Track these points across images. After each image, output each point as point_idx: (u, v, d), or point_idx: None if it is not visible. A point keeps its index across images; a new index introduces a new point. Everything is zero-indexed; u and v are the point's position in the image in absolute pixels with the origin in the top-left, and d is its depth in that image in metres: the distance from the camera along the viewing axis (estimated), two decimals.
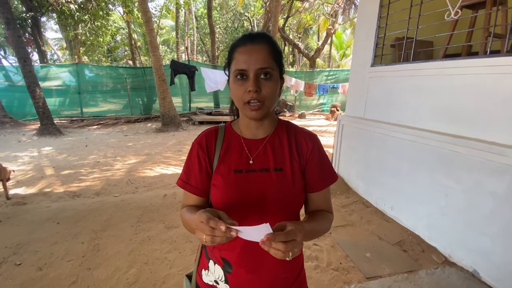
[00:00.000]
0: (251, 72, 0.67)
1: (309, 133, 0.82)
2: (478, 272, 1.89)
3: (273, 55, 0.70)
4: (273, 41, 0.72)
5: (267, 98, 0.69)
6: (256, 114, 0.69)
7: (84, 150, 5.67)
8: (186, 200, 0.81)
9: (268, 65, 0.68)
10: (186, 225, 0.77)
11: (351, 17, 14.64)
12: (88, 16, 11.05)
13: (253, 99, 0.67)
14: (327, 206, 0.81)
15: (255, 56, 0.67)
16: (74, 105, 9.52)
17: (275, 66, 0.71)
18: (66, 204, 2.97)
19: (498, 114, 1.85)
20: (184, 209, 0.79)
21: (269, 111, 0.72)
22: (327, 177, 0.80)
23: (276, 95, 0.72)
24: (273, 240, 0.52)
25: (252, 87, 0.66)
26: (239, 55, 0.69)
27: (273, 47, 0.71)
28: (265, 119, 0.77)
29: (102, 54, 18.07)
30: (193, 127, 8.87)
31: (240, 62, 0.68)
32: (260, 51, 0.68)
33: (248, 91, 0.67)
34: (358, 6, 3.63)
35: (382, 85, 3.00)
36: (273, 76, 0.69)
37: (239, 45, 0.71)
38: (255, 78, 0.67)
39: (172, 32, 22.31)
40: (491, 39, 1.91)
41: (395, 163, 2.71)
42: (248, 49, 0.68)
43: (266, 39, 0.71)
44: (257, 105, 0.68)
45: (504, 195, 1.74)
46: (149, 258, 2.08)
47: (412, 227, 2.51)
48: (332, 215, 0.81)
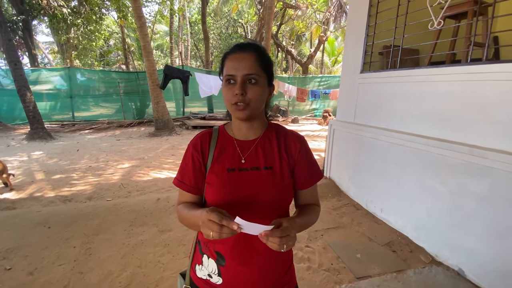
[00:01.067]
0: (238, 77, 0.74)
1: (297, 135, 0.88)
2: (463, 271, 1.96)
3: (260, 63, 0.76)
4: (261, 50, 0.79)
5: (252, 101, 0.75)
6: (241, 114, 0.76)
7: (75, 154, 5.60)
8: (181, 198, 0.87)
9: (254, 71, 0.74)
10: (183, 220, 0.82)
11: (342, 25, 14.98)
12: (81, 20, 11.00)
13: (239, 101, 0.74)
14: (314, 200, 0.89)
15: (243, 63, 0.74)
16: (65, 109, 9.41)
17: (262, 73, 0.77)
18: (57, 208, 2.94)
19: (479, 119, 1.94)
20: (181, 206, 0.84)
21: (255, 112, 0.78)
22: (314, 175, 0.87)
23: (262, 99, 0.78)
24: (270, 235, 0.61)
25: (238, 90, 0.73)
26: (229, 62, 0.76)
27: (260, 56, 0.77)
28: (254, 120, 0.83)
29: (95, 58, 17.97)
30: (186, 131, 8.87)
31: (229, 68, 0.75)
32: (247, 59, 0.75)
33: (235, 94, 0.74)
34: (348, 15, 3.76)
35: (371, 91, 3.10)
36: (259, 82, 0.76)
37: (229, 53, 0.78)
38: (242, 83, 0.74)
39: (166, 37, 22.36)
40: (471, 47, 2.02)
41: (384, 166, 2.80)
42: (236, 56, 0.76)
43: (254, 48, 0.78)
44: (242, 106, 0.74)
45: (485, 196, 1.83)
46: (142, 262, 2.08)
47: (401, 228, 2.58)
48: (319, 207, 0.89)
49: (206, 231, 0.63)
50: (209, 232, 0.61)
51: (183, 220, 0.82)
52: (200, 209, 0.74)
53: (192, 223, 0.77)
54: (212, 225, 0.61)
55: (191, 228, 0.83)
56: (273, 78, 0.83)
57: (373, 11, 2.98)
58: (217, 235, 0.61)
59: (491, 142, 1.84)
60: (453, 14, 2.46)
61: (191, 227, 0.81)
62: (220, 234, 0.61)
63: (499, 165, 1.73)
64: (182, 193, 0.86)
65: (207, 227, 0.62)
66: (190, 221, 0.78)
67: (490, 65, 1.89)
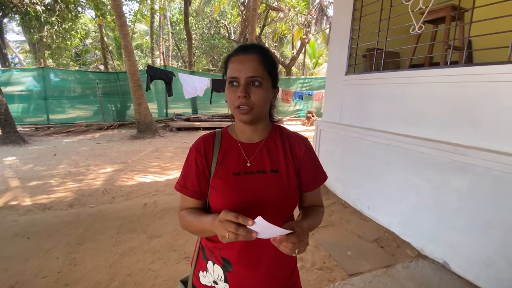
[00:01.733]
0: (241, 80, 0.73)
1: (301, 136, 0.89)
2: (448, 263, 2.06)
3: (264, 65, 0.75)
4: (266, 52, 0.78)
5: (256, 104, 0.74)
6: (245, 118, 0.74)
7: (52, 159, 5.31)
8: (184, 204, 0.84)
9: (258, 74, 0.73)
10: (189, 227, 0.79)
11: (323, 28, 15.33)
12: (55, 18, 10.45)
13: (242, 104, 0.73)
14: (318, 201, 0.90)
15: (246, 65, 0.73)
16: (39, 112, 8.88)
17: (266, 75, 0.76)
18: (36, 217, 2.77)
19: (460, 118, 2.06)
20: (184, 212, 0.82)
21: (259, 116, 0.78)
22: (319, 177, 0.87)
23: (266, 102, 0.77)
24: (285, 240, 0.61)
25: (241, 93, 0.72)
26: (232, 64, 0.75)
27: (265, 58, 0.76)
28: (258, 123, 0.82)
29: (70, 58, 17.15)
30: (170, 133, 8.68)
31: (232, 71, 0.74)
32: (250, 61, 0.73)
33: (238, 97, 0.72)
34: (332, 18, 3.85)
35: (356, 92, 3.20)
36: (263, 84, 0.74)
37: (232, 55, 0.77)
38: (245, 85, 0.73)
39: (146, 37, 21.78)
40: (451, 51, 2.14)
41: (370, 165, 2.89)
42: (240, 58, 0.75)
43: (258, 50, 0.77)
44: (246, 109, 0.73)
45: (467, 192, 1.94)
46: (132, 270, 2.01)
47: (387, 224, 2.67)
48: (323, 208, 0.90)
49: (222, 232, 0.61)
50: (225, 233, 0.60)
51: (189, 227, 0.80)
52: (211, 215, 0.73)
53: (201, 229, 0.76)
54: (229, 225, 0.60)
55: (198, 234, 0.81)
56: (278, 80, 0.83)
57: (357, 15, 3.07)
58: (233, 236, 0.59)
59: (472, 140, 1.95)
60: (432, 19, 2.59)
61: (198, 233, 0.80)
62: (236, 236, 0.59)
63: (479, 162, 1.83)
64: (184, 199, 0.83)
65: (224, 227, 0.61)
66: (199, 227, 0.76)
67: (467, 68, 2.01)
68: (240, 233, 0.59)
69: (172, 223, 2.70)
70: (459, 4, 2.13)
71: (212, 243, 0.81)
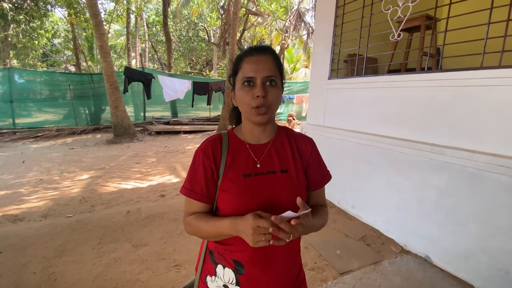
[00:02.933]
0: (258, 79, 0.73)
1: (306, 137, 0.91)
2: (430, 257, 2.19)
3: (277, 65, 0.78)
4: (276, 54, 0.81)
5: (273, 103, 0.75)
6: (262, 119, 0.75)
7: (21, 166, 4.92)
8: (190, 208, 0.82)
9: (274, 73, 0.75)
10: (200, 231, 0.78)
11: (300, 34, 15.72)
12: (23, 16, 9.75)
13: (260, 105, 0.73)
14: (323, 201, 0.92)
15: (262, 65, 0.74)
16: (3, 116, 8.18)
17: (279, 75, 0.79)
18: (7, 230, 2.54)
19: (436, 120, 2.20)
20: (191, 218, 0.80)
21: (273, 116, 0.80)
22: (325, 176, 0.90)
23: (279, 101, 0.79)
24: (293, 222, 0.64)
25: (260, 92, 0.72)
26: (247, 64, 0.75)
27: (276, 59, 0.79)
28: (267, 124, 0.83)
29: (37, 58, 16.06)
30: (149, 137, 8.40)
31: (248, 70, 0.74)
32: (266, 61, 0.75)
33: (256, 97, 0.73)
34: (315, 24, 3.97)
35: (338, 96, 3.31)
36: (277, 84, 0.77)
37: (246, 55, 0.78)
38: (262, 85, 0.73)
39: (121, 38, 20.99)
40: (427, 58, 2.29)
41: (353, 165, 2.99)
42: (255, 59, 0.75)
43: (271, 51, 0.79)
44: (264, 110, 0.74)
45: (445, 188, 2.07)
46: (118, 282, 1.91)
47: (372, 222, 2.78)
48: (327, 208, 0.92)
49: (256, 238, 0.64)
50: (261, 237, 0.63)
51: (199, 232, 0.78)
52: (227, 219, 0.72)
53: (216, 234, 0.75)
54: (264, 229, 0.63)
55: (211, 239, 0.79)
56: (285, 81, 0.85)
57: (338, 21, 3.19)
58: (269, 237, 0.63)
59: (447, 140, 2.10)
60: (407, 28, 2.76)
61: (212, 238, 0.78)
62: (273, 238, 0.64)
63: (455, 161, 1.97)
64: (191, 203, 0.81)
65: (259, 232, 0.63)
66: (214, 233, 0.75)
67: (442, 73, 2.17)
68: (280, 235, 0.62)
69: (159, 230, 2.61)
70: (434, 14, 2.30)
71: (223, 246, 0.80)
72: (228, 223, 0.71)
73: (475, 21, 1.96)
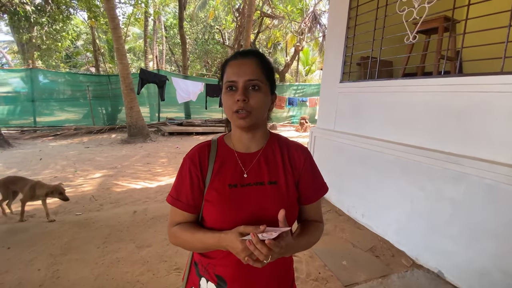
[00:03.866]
0: (240, 83, 0.70)
1: (301, 146, 0.85)
2: (443, 273, 2.05)
3: (262, 69, 0.73)
4: (263, 57, 0.76)
5: (254, 108, 0.71)
6: (243, 123, 0.71)
7: (38, 164, 5.12)
8: (175, 218, 0.78)
9: (256, 77, 0.71)
10: (186, 244, 0.75)
11: (316, 36, 15.56)
12: (46, 19, 10.25)
13: (240, 108, 0.70)
14: (318, 216, 0.85)
15: (244, 69, 0.71)
16: (25, 114, 8.62)
17: (264, 80, 0.74)
18: (17, 226, 2.63)
19: (452, 127, 2.07)
20: (176, 228, 0.76)
21: (257, 121, 0.75)
22: (319, 189, 0.83)
23: (265, 107, 0.75)
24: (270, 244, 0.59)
25: (240, 96, 0.69)
26: (230, 68, 0.73)
27: (262, 62, 0.75)
28: (256, 131, 0.78)
29: (60, 59, 16.83)
30: (162, 138, 8.54)
31: (230, 74, 0.72)
32: (248, 65, 0.72)
33: (236, 101, 0.70)
34: (327, 26, 3.89)
35: (350, 100, 3.21)
36: (262, 88, 0.72)
37: (230, 59, 0.75)
38: (244, 89, 0.70)
39: (139, 40, 21.63)
40: (444, 61, 2.16)
41: (364, 173, 2.88)
42: (238, 62, 0.73)
43: (255, 54, 0.75)
44: (244, 114, 0.70)
45: (461, 200, 1.94)
46: (119, 283, 1.91)
47: (382, 233, 2.66)
48: (322, 224, 0.86)
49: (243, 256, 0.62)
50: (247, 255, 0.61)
51: (185, 244, 0.75)
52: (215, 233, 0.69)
53: (202, 247, 0.72)
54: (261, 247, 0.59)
55: (197, 251, 0.76)
56: (275, 86, 0.80)
57: (351, 23, 3.10)
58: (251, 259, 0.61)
59: (464, 149, 1.97)
60: (424, 30, 2.64)
61: (197, 250, 0.75)
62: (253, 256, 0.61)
63: (473, 171, 1.84)
64: (176, 212, 0.77)
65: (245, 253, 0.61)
66: (200, 246, 0.72)
67: (460, 78, 2.03)
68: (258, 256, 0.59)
69: (163, 232, 2.61)
70: (452, 16, 2.17)
71: (206, 259, 0.76)
72: (213, 239, 0.68)
73: (496, 23, 1.83)
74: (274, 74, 0.79)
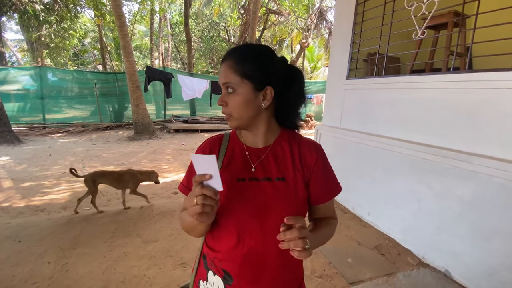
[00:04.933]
0: (222, 87, 0.73)
1: (314, 143, 0.83)
2: (450, 272, 2.02)
3: (236, 70, 0.69)
4: (240, 56, 0.71)
5: (233, 111, 0.72)
6: (229, 124, 0.76)
7: (47, 160, 5.22)
8: (185, 204, 0.82)
9: (229, 80, 0.70)
10: (184, 225, 0.77)
11: (322, 33, 15.41)
12: (54, 17, 10.39)
13: (223, 112, 0.74)
14: (330, 213, 0.85)
15: (221, 73, 0.73)
16: (35, 111, 8.79)
17: (243, 80, 0.69)
18: (28, 220, 2.69)
19: (461, 125, 2.03)
20: (183, 212, 0.79)
21: (243, 122, 0.74)
22: (332, 189, 0.81)
23: (245, 108, 0.71)
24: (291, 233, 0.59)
25: (219, 101, 0.73)
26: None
27: (238, 63, 0.70)
28: (253, 129, 0.77)
29: (68, 57, 17.06)
30: (168, 135, 8.61)
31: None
32: (223, 68, 0.72)
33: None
34: (334, 22, 3.84)
35: (356, 97, 3.17)
36: (236, 90, 0.70)
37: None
38: (224, 93, 0.73)
39: (145, 38, 21.76)
40: (454, 57, 2.12)
41: (370, 170, 2.85)
42: (221, 67, 0.75)
43: (231, 55, 0.71)
44: (227, 116, 0.74)
45: (470, 199, 1.90)
46: (126, 276, 1.95)
47: (388, 231, 2.64)
48: (336, 220, 0.85)
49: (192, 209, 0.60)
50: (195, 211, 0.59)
51: (184, 226, 0.77)
52: None
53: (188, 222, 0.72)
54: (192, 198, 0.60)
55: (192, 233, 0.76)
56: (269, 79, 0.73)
57: (358, 19, 3.06)
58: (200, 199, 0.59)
59: (474, 147, 1.93)
60: (433, 25, 2.59)
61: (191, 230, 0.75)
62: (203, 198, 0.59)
63: (482, 170, 1.80)
64: (186, 200, 0.80)
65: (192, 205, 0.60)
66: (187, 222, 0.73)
67: (470, 74, 1.99)
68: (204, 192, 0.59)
69: (169, 227, 2.64)
70: (462, 11, 2.12)
71: (213, 253, 0.77)
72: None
73: (507, 18, 1.78)
74: (265, 66, 0.72)
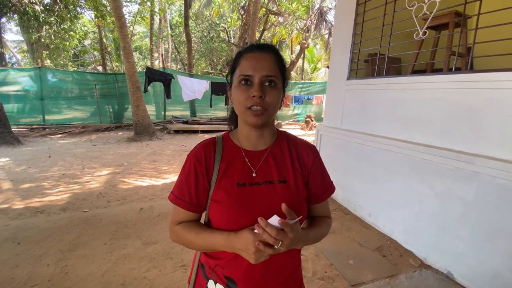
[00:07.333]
0: (256, 78, 0.67)
1: (309, 144, 0.83)
2: (452, 274, 2.01)
3: (279, 66, 0.71)
4: (279, 53, 0.74)
5: (270, 105, 0.69)
6: (258, 120, 0.68)
7: (46, 161, 5.20)
8: (177, 216, 0.76)
9: (274, 73, 0.69)
10: (190, 244, 0.73)
11: (322, 33, 15.41)
12: (54, 18, 10.39)
13: (256, 104, 0.67)
14: (327, 213, 0.85)
15: (262, 64, 0.68)
16: (34, 112, 8.77)
17: (280, 77, 0.71)
18: (27, 221, 2.68)
19: (463, 125, 2.02)
20: (179, 227, 0.74)
21: (270, 119, 0.73)
22: (328, 188, 0.82)
23: (278, 104, 0.73)
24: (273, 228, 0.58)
25: (257, 92, 0.66)
26: (245, 61, 0.69)
27: (279, 58, 0.72)
28: (265, 128, 0.76)
29: (68, 58, 17.06)
30: (168, 136, 8.59)
31: (246, 68, 0.68)
32: (266, 59, 0.69)
33: (251, 97, 0.67)
34: (334, 22, 3.83)
35: (357, 97, 3.16)
36: (277, 85, 0.70)
37: (246, 52, 0.72)
38: (260, 84, 0.67)
39: (145, 39, 21.76)
40: (455, 57, 2.11)
41: (371, 171, 2.84)
42: (255, 56, 0.69)
43: (273, 49, 0.73)
44: (259, 111, 0.67)
45: (472, 200, 1.89)
46: (126, 279, 1.93)
47: (389, 232, 2.62)
48: (331, 220, 0.85)
49: (258, 255, 0.61)
50: (263, 254, 0.60)
51: (188, 243, 0.73)
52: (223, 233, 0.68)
53: (208, 248, 0.71)
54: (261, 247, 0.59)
55: (200, 250, 0.75)
56: (287, 84, 0.77)
57: (359, 19, 3.05)
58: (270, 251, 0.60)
59: (475, 148, 1.92)
60: (434, 25, 2.58)
61: (202, 250, 0.74)
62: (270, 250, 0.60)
63: (485, 170, 1.79)
64: (178, 211, 0.75)
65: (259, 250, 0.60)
66: (205, 246, 0.71)
67: (471, 74, 1.98)
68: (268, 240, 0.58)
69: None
70: (464, 11, 2.11)
71: (214, 261, 0.75)
72: (221, 240, 0.66)
73: (508, 18, 1.77)
74: (286, 70, 0.76)
